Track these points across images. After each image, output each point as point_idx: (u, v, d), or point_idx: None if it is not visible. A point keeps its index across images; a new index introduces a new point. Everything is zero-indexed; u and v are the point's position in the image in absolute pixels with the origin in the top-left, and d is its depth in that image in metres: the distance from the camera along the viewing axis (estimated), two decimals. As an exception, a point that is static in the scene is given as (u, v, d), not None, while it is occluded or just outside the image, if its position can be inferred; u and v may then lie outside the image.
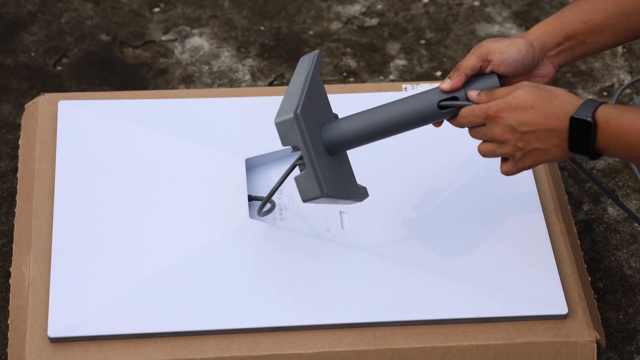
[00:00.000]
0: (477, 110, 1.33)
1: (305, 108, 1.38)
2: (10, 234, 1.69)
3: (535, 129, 1.29)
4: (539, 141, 1.30)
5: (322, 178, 1.37)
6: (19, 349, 1.41)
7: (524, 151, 1.31)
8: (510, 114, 1.30)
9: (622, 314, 1.66)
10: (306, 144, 1.37)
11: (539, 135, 1.29)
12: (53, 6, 2.05)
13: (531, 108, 1.29)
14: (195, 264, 1.47)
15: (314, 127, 1.40)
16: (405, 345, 1.43)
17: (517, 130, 1.30)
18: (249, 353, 1.41)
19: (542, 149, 1.30)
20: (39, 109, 1.65)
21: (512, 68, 1.37)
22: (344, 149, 1.43)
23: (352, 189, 1.45)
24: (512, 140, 1.31)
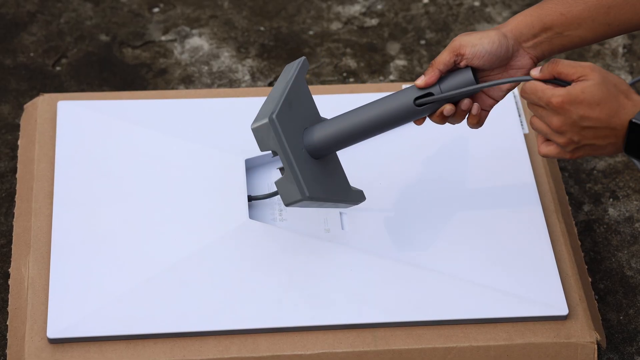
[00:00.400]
0: (540, 94, 1.30)
1: (284, 113, 1.38)
2: (9, 235, 1.69)
3: (597, 126, 1.27)
4: (596, 138, 1.28)
5: (303, 181, 1.37)
6: (18, 350, 1.41)
7: (578, 145, 1.30)
8: (575, 108, 1.27)
9: (623, 314, 1.66)
10: (283, 147, 1.37)
11: (598, 132, 1.28)
12: (52, 6, 2.05)
13: (598, 105, 1.27)
14: (194, 264, 1.47)
15: (294, 132, 1.39)
16: (405, 347, 1.43)
17: (577, 124, 1.28)
18: (248, 354, 1.41)
19: (597, 145, 1.29)
20: (38, 110, 1.64)
21: (486, 60, 1.37)
22: (327, 152, 1.42)
23: (343, 192, 1.45)
24: (569, 133, 1.29)
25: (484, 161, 1.61)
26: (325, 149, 1.42)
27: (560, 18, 1.37)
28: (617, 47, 2.04)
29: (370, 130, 1.41)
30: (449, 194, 1.58)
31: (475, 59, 1.37)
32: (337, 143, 1.42)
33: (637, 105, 1.27)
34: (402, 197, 1.57)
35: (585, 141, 1.29)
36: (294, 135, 1.39)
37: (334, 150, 1.43)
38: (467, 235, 1.53)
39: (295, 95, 1.42)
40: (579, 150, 1.31)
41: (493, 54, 1.37)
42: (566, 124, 1.28)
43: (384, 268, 1.48)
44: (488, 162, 1.61)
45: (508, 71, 1.39)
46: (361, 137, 1.42)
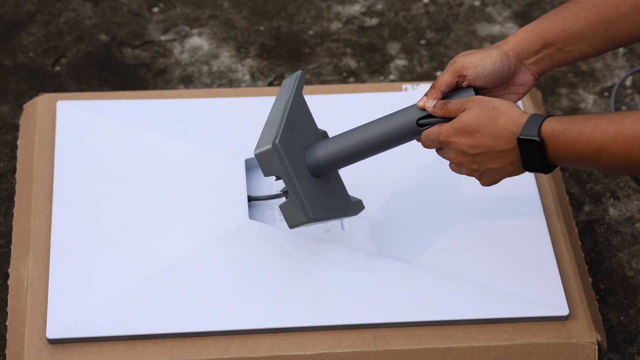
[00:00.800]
0: (432, 135, 1.35)
1: (285, 136, 1.38)
2: (8, 235, 1.68)
3: (485, 151, 1.30)
4: (491, 162, 1.31)
5: (308, 204, 1.38)
6: (18, 350, 1.40)
7: (480, 171, 1.33)
8: (459, 139, 1.31)
9: (624, 315, 1.66)
10: (287, 172, 1.37)
11: (489, 156, 1.30)
12: (52, 6, 2.04)
13: (477, 132, 1.30)
14: (194, 264, 1.46)
15: (296, 153, 1.40)
16: (406, 347, 1.42)
17: (468, 153, 1.31)
18: (248, 354, 1.41)
19: (496, 168, 1.31)
20: (38, 109, 1.64)
21: (488, 80, 1.37)
22: (329, 171, 1.43)
23: (343, 206, 1.46)
24: (467, 163, 1.33)
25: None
26: (326, 168, 1.43)
27: (562, 34, 1.37)
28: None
29: (371, 150, 1.42)
30: (449, 194, 1.57)
31: (478, 80, 1.37)
32: (339, 162, 1.42)
33: (519, 122, 1.27)
34: (402, 197, 1.57)
35: (484, 167, 1.32)
36: (296, 157, 1.40)
37: (335, 168, 1.43)
38: (468, 236, 1.52)
39: (295, 114, 1.42)
40: (484, 176, 1.33)
41: (495, 74, 1.37)
42: (459, 154, 1.32)
43: (384, 268, 1.48)
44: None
45: (510, 88, 1.40)
46: (362, 156, 1.43)
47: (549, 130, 1.25)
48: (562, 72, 1.99)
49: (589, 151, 1.22)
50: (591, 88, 1.97)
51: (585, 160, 1.23)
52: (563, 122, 1.24)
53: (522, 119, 1.27)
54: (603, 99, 1.95)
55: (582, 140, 1.22)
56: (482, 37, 2.04)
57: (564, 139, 1.24)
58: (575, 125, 1.23)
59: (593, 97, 1.96)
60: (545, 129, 1.25)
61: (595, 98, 1.95)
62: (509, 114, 1.28)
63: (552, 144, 1.25)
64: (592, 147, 1.21)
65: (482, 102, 1.31)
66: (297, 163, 1.40)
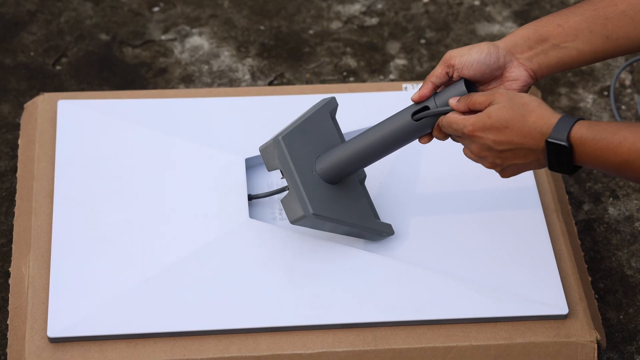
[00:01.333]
0: (455, 125, 1.34)
1: (294, 137, 1.42)
2: (9, 234, 1.69)
3: (512, 148, 1.30)
4: (517, 158, 1.31)
5: (308, 199, 1.40)
6: (19, 349, 1.41)
7: (503, 166, 1.33)
8: (486, 134, 1.31)
9: (623, 314, 1.66)
10: (287, 165, 1.40)
11: (516, 153, 1.30)
12: (52, 6, 2.05)
13: (506, 128, 1.29)
14: (195, 263, 1.47)
15: (304, 155, 1.43)
16: (406, 346, 1.43)
17: (493, 149, 1.31)
18: (248, 353, 1.41)
19: (520, 164, 1.31)
20: (39, 109, 1.64)
21: (476, 69, 1.37)
22: (338, 176, 1.45)
23: (361, 219, 1.46)
24: (490, 158, 1.32)
25: (484, 160, 1.61)
26: (335, 173, 1.44)
27: (557, 29, 1.37)
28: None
29: (375, 152, 1.43)
30: (448, 193, 1.58)
31: (465, 69, 1.37)
32: (347, 166, 1.44)
33: (549, 122, 1.26)
34: (401, 197, 1.57)
35: (508, 162, 1.31)
36: (303, 158, 1.42)
37: (344, 173, 1.45)
38: (467, 235, 1.53)
39: (314, 125, 1.45)
40: (505, 170, 1.33)
41: (482, 63, 1.37)
42: (483, 149, 1.32)
43: (384, 267, 1.48)
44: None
45: (504, 83, 1.39)
46: (368, 159, 1.44)
47: (578, 136, 1.24)
48: (561, 72, 1.99)
49: (615, 162, 1.22)
50: (591, 87, 1.97)
51: (610, 169, 1.23)
52: (592, 129, 1.24)
53: (552, 119, 1.26)
54: (602, 98, 1.96)
55: (609, 152, 1.22)
56: (482, 36, 2.05)
57: (592, 148, 1.24)
58: (604, 135, 1.23)
59: (592, 97, 1.96)
60: (575, 135, 1.25)
61: (595, 97, 1.96)
62: (539, 112, 1.28)
63: (579, 150, 1.24)
64: (618, 160, 1.22)
65: (511, 97, 1.30)
66: (303, 163, 1.42)
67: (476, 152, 1.33)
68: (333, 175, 1.45)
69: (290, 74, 1.96)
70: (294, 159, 1.41)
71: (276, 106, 1.66)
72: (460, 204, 1.56)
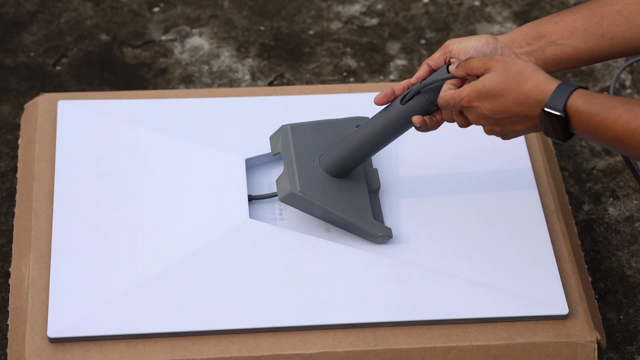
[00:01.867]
0: (452, 100, 1.34)
1: (305, 130, 1.50)
2: (9, 234, 1.69)
3: (509, 115, 1.30)
4: (514, 124, 1.31)
5: (298, 178, 1.46)
6: (19, 349, 1.41)
7: (502, 133, 1.33)
8: (482, 103, 1.31)
9: (623, 314, 1.66)
10: (288, 149, 1.48)
11: (513, 120, 1.30)
12: (52, 6, 2.05)
13: (501, 96, 1.29)
14: (195, 264, 1.47)
15: (309, 146, 1.50)
16: (406, 346, 1.43)
17: (490, 117, 1.31)
18: (249, 353, 1.41)
19: (518, 130, 1.32)
20: (39, 109, 1.64)
21: (472, 55, 1.38)
22: (340, 169, 1.49)
23: (355, 216, 1.48)
24: (489, 125, 1.33)
25: (484, 161, 1.61)
26: (335, 165, 1.48)
27: (554, 26, 1.38)
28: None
29: (371, 143, 1.45)
30: (448, 193, 1.58)
31: (461, 55, 1.39)
32: (346, 158, 1.47)
33: (546, 90, 1.26)
34: (401, 197, 1.57)
35: (506, 129, 1.32)
36: (308, 148, 1.49)
37: (345, 166, 1.48)
38: (467, 235, 1.53)
39: (332, 129, 1.52)
40: (505, 135, 1.34)
41: (479, 50, 1.38)
42: (480, 117, 1.32)
43: (384, 267, 1.48)
44: (488, 162, 1.61)
45: None
46: (365, 151, 1.46)
47: (574, 107, 1.25)
48: (561, 72, 1.99)
49: (609, 138, 1.23)
50: (590, 88, 1.97)
51: (604, 142, 1.24)
52: (589, 102, 1.24)
53: (549, 87, 1.26)
54: (603, 98, 1.96)
55: (604, 127, 1.23)
56: (482, 36, 2.05)
57: (586, 121, 1.24)
58: (599, 110, 1.23)
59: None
60: (571, 106, 1.25)
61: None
62: (535, 79, 1.28)
63: (575, 121, 1.25)
64: (612, 136, 1.23)
65: (506, 64, 1.30)
66: (306, 152, 1.49)
67: (474, 121, 1.34)
68: (334, 168, 1.48)
69: (290, 74, 1.96)
70: (296, 145, 1.48)
71: (276, 106, 1.66)
72: (460, 204, 1.56)
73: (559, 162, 1.83)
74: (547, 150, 1.67)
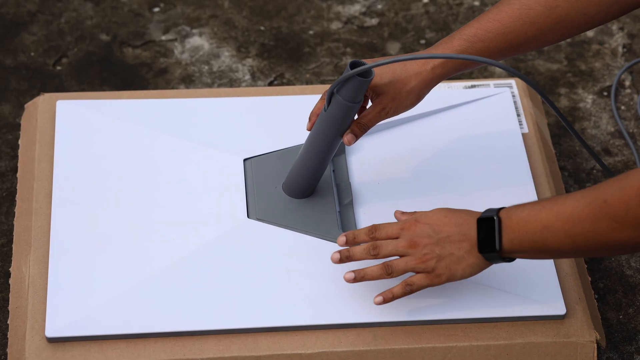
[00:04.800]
0: (393, 225, 1.38)
1: (267, 161, 1.57)
2: (10, 234, 1.69)
3: (450, 234, 1.34)
4: (453, 247, 1.34)
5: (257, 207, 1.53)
6: (19, 349, 1.41)
7: (441, 257, 1.35)
8: (427, 223, 1.36)
9: (622, 314, 1.66)
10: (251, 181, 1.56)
11: (453, 240, 1.34)
12: (53, 6, 2.05)
13: (445, 217, 1.36)
14: (194, 263, 1.47)
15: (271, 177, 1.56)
16: (405, 346, 1.43)
17: (433, 236, 1.35)
18: (248, 353, 1.41)
19: (455, 255, 1.34)
20: (39, 109, 1.65)
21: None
22: (301, 191, 1.53)
23: (319, 231, 1.51)
24: (429, 246, 1.36)
25: (483, 161, 1.61)
26: (294, 187, 1.53)
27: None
28: (617, 46, 2.04)
29: (316, 158, 1.48)
30: (447, 194, 1.58)
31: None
32: (300, 178, 1.51)
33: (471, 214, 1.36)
34: (400, 198, 1.57)
35: (446, 251, 1.35)
36: (268, 177, 1.55)
37: (302, 187, 1.52)
38: (467, 235, 1.53)
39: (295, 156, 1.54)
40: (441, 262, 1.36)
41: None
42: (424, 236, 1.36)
43: (384, 267, 1.48)
44: (487, 162, 1.61)
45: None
46: (314, 166, 1.49)
47: (505, 211, 1.31)
48: (561, 72, 1.99)
49: (537, 230, 1.27)
50: (590, 88, 1.97)
51: (536, 240, 1.28)
52: (518, 205, 1.31)
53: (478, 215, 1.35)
54: (602, 98, 1.96)
55: (531, 219, 1.28)
56: (481, 36, 2.05)
57: (516, 218, 1.30)
58: (526, 207, 1.30)
59: (592, 97, 1.96)
60: (502, 211, 1.32)
61: (595, 98, 1.96)
62: (470, 211, 1.37)
63: (506, 224, 1.30)
64: (539, 226, 1.27)
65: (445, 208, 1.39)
66: (267, 181, 1.55)
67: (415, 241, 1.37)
68: (293, 190, 1.53)
69: (290, 74, 1.97)
70: (257, 176, 1.56)
71: (276, 106, 1.66)
72: (459, 205, 1.56)
73: (559, 162, 1.84)
74: (546, 150, 1.67)
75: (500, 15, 1.41)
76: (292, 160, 1.54)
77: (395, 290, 1.38)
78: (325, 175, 1.55)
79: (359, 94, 1.38)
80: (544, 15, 1.40)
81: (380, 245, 1.38)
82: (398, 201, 1.56)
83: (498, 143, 1.63)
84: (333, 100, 1.40)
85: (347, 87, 1.38)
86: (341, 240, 1.40)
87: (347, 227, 1.52)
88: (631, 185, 1.18)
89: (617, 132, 1.90)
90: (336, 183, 1.56)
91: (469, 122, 1.66)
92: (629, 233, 1.20)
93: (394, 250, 1.37)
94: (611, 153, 1.87)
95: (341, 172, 1.58)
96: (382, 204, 1.55)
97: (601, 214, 1.21)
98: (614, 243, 1.22)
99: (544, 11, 1.40)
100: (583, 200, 1.23)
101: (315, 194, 1.53)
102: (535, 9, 1.40)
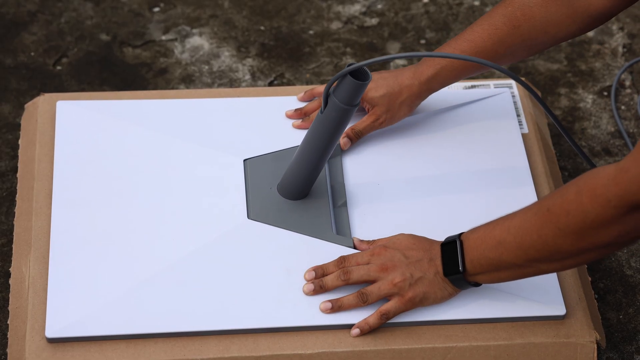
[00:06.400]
0: (362, 254, 1.43)
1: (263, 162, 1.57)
2: (10, 234, 1.69)
3: (420, 259, 1.40)
4: (424, 269, 1.39)
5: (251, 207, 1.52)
6: (19, 349, 1.41)
7: (413, 278, 1.40)
8: (396, 248, 1.42)
9: (623, 314, 1.66)
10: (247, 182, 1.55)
11: (422, 264, 1.39)
12: (53, 6, 2.05)
13: (413, 243, 1.42)
14: (194, 264, 1.47)
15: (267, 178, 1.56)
16: (405, 346, 1.43)
17: (403, 260, 1.40)
18: (248, 353, 1.41)
19: (427, 279, 1.39)
20: (39, 109, 1.65)
21: None
22: (296, 192, 1.53)
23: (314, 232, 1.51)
24: (401, 269, 1.40)
25: (483, 161, 1.61)
26: (289, 189, 1.52)
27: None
28: (617, 46, 2.04)
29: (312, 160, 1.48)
30: (447, 194, 1.58)
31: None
32: (295, 180, 1.51)
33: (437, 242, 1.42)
34: (400, 198, 1.57)
35: (417, 274, 1.40)
36: (264, 178, 1.55)
37: (297, 188, 1.52)
38: (467, 235, 1.53)
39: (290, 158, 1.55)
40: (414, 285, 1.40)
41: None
42: (395, 259, 1.41)
43: (384, 267, 1.48)
44: (487, 163, 1.61)
45: None
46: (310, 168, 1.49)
47: (465, 234, 1.38)
48: (561, 72, 1.99)
49: (492, 246, 1.33)
50: (590, 88, 1.97)
51: (492, 257, 1.33)
52: (473, 228, 1.37)
53: (441, 242, 1.41)
54: (602, 98, 1.96)
55: (487, 237, 1.34)
56: (481, 36, 2.05)
57: (473, 238, 1.36)
58: (482, 227, 1.36)
59: (592, 97, 1.96)
60: (463, 234, 1.38)
61: (595, 98, 1.96)
62: (436, 241, 1.42)
63: (466, 245, 1.36)
64: (494, 242, 1.32)
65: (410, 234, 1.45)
66: (263, 182, 1.55)
67: (387, 263, 1.41)
68: (288, 191, 1.53)
69: (291, 74, 1.97)
70: (252, 177, 1.55)
71: (276, 106, 1.66)
72: (458, 205, 1.56)
73: (559, 162, 1.84)
74: (546, 150, 1.67)
75: (472, 36, 1.50)
76: (288, 162, 1.54)
77: (371, 320, 1.42)
78: (320, 177, 1.55)
79: (355, 96, 1.39)
80: (510, 35, 1.48)
81: (351, 271, 1.42)
82: (396, 202, 1.56)
83: (498, 143, 1.63)
84: (330, 103, 1.40)
85: (344, 90, 1.38)
86: (309, 275, 1.44)
87: (341, 228, 1.52)
88: (570, 191, 1.23)
89: (617, 132, 1.90)
90: (331, 185, 1.56)
91: (469, 122, 1.66)
92: (571, 238, 1.24)
93: (365, 275, 1.41)
94: (611, 153, 1.87)
95: (336, 173, 1.58)
96: (378, 206, 1.55)
97: (546, 222, 1.26)
98: (559, 251, 1.26)
99: (509, 31, 1.47)
100: (530, 212, 1.29)
101: (310, 195, 1.53)
102: (502, 29, 1.48)
